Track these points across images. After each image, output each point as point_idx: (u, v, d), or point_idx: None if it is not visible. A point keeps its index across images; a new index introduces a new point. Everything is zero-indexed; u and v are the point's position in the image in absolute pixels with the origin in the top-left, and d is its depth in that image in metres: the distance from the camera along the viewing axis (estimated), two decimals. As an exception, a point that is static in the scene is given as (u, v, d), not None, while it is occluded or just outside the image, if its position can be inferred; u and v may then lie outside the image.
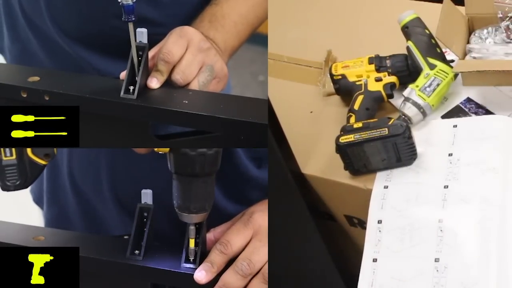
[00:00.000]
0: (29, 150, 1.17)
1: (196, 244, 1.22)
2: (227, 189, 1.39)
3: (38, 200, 1.62)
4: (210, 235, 1.26)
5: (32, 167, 1.18)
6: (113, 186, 1.43)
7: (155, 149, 1.17)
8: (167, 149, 1.16)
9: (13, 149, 1.16)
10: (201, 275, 1.19)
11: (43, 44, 1.40)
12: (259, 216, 1.26)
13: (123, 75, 1.24)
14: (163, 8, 1.36)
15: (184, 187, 1.17)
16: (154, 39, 1.27)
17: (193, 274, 1.19)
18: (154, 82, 1.25)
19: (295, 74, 1.73)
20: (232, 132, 1.19)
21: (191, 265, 1.22)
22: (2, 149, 1.15)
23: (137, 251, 1.23)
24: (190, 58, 1.26)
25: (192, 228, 1.21)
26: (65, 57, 1.39)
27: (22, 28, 1.42)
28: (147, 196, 1.25)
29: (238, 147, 1.37)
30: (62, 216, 1.53)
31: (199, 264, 1.21)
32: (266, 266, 1.22)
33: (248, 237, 1.23)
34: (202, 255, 1.22)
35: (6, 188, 1.19)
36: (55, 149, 1.19)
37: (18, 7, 1.40)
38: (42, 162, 1.19)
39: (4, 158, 1.16)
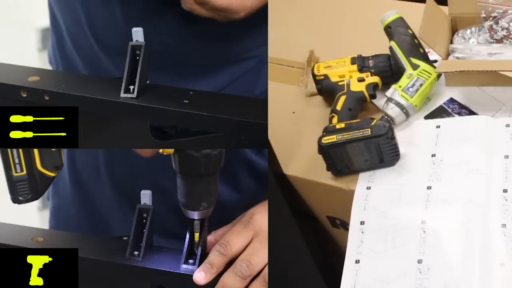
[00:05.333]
0: (38, 164, 1.17)
1: (198, 242, 1.22)
2: (223, 174, 1.38)
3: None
4: (210, 238, 1.26)
5: (42, 179, 1.19)
6: (111, 171, 1.43)
7: (160, 150, 1.17)
8: (171, 151, 1.16)
9: (23, 164, 1.16)
10: (200, 275, 1.19)
11: (88, 65, 1.40)
12: (260, 218, 1.26)
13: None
14: None
15: (189, 186, 1.18)
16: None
17: (192, 275, 1.19)
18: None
19: (277, 74, 1.72)
20: (232, 132, 1.19)
21: (191, 266, 1.22)
22: (12, 164, 1.16)
23: (136, 252, 1.23)
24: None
25: (197, 222, 1.21)
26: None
27: (68, 47, 1.42)
28: (146, 197, 1.25)
29: (238, 148, 1.36)
30: (62, 207, 1.54)
31: (199, 265, 1.21)
32: (267, 268, 1.22)
33: (248, 239, 1.23)
34: (202, 257, 1.22)
35: (18, 202, 1.19)
36: (63, 159, 1.19)
37: (64, 27, 1.41)
38: (52, 174, 1.19)
39: (14, 174, 1.17)
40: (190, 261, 1.22)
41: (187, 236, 1.23)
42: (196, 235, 1.22)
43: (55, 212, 1.57)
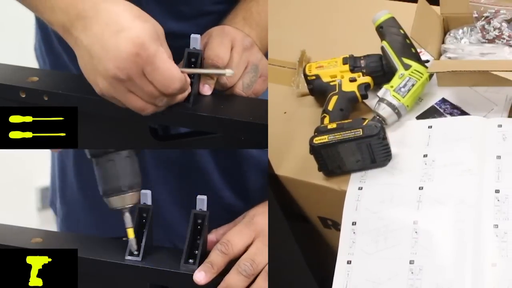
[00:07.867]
0: None
1: (196, 245, 1.22)
2: (234, 179, 1.39)
3: (51, 203, 1.62)
4: (212, 236, 1.25)
5: None
6: None
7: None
8: None
9: None
10: (200, 275, 1.18)
11: (73, 58, 1.38)
12: (261, 218, 1.26)
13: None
14: (186, 20, 1.33)
15: (107, 166, 1.18)
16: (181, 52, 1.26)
17: (192, 275, 1.18)
18: (207, 89, 1.22)
19: (268, 75, 1.71)
20: (232, 132, 1.19)
21: (191, 266, 1.21)
22: None
23: (136, 252, 1.23)
24: (237, 58, 1.23)
25: (127, 215, 1.20)
26: None
27: (54, 41, 1.42)
28: (146, 197, 1.25)
29: (238, 148, 1.36)
30: (71, 214, 1.53)
31: (199, 265, 1.20)
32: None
33: (250, 238, 1.23)
34: (202, 256, 1.21)
35: None
36: None
37: None
38: None
39: None
40: (190, 260, 1.21)
41: (187, 235, 1.22)
42: (130, 230, 1.21)
43: (65, 219, 1.56)
